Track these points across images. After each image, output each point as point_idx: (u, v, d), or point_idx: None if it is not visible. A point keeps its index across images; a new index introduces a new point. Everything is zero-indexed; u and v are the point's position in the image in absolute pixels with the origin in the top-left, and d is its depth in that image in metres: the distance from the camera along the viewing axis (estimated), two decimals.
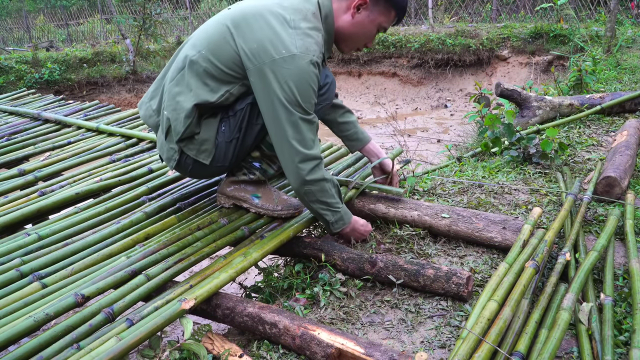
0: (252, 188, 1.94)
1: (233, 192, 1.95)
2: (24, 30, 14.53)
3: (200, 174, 1.90)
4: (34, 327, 1.34)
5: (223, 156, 1.77)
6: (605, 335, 1.29)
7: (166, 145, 1.79)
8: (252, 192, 1.93)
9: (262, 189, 1.95)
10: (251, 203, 1.94)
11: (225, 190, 1.96)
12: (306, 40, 1.60)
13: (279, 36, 1.58)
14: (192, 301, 1.42)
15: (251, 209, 1.94)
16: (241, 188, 1.94)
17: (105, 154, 2.63)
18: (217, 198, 2.00)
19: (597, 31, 6.72)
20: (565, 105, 3.35)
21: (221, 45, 1.63)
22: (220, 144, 1.75)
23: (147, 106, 1.87)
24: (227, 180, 1.95)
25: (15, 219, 1.95)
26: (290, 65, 1.56)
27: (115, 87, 8.67)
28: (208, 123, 1.72)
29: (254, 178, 1.91)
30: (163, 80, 1.81)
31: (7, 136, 2.93)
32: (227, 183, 1.95)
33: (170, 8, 13.27)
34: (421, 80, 9.07)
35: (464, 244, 1.89)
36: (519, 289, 1.40)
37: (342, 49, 1.83)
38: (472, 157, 2.96)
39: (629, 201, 1.94)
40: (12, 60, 8.14)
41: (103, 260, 1.68)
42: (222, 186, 1.97)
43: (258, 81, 1.60)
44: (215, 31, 1.67)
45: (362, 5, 1.71)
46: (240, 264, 1.62)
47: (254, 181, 1.93)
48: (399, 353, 1.26)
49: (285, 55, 1.56)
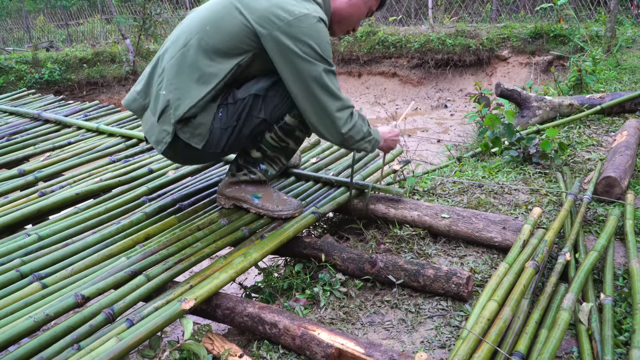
0: (252, 188, 1.93)
1: (233, 193, 1.94)
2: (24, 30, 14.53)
3: (190, 159, 1.88)
4: (34, 327, 1.34)
5: (216, 142, 1.73)
6: (605, 335, 1.29)
7: (158, 127, 1.73)
8: (252, 193, 1.93)
9: (262, 189, 1.94)
10: (251, 203, 1.93)
11: (224, 191, 1.96)
12: (313, 6, 1.64)
13: (286, 2, 1.61)
14: (192, 301, 1.42)
15: (251, 209, 1.94)
16: (241, 188, 1.93)
17: (105, 154, 2.63)
18: (217, 199, 2.00)
19: (597, 31, 6.72)
20: (565, 105, 3.35)
21: (228, 19, 1.62)
22: (215, 130, 1.71)
23: (130, 92, 1.84)
24: (227, 181, 1.95)
25: (15, 219, 1.95)
26: (303, 24, 1.57)
27: (115, 87, 8.67)
28: (207, 107, 1.69)
29: (255, 178, 1.90)
30: (154, 65, 1.77)
31: (7, 136, 2.93)
32: (227, 184, 1.95)
33: (170, 8, 13.27)
34: (421, 80, 9.07)
35: (464, 244, 1.89)
36: (519, 289, 1.40)
37: (334, 31, 1.84)
38: (472, 157, 2.96)
39: (629, 201, 1.94)
40: (12, 61, 8.13)
41: (103, 260, 1.68)
42: (222, 187, 1.96)
43: (274, 47, 1.59)
44: (219, 8, 1.66)
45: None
46: (240, 264, 1.62)
47: (254, 181, 1.93)
48: (399, 353, 1.26)
49: (298, 15, 1.58)
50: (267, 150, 1.83)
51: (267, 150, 1.83)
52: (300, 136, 1.83)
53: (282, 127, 1.77)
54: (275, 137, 1.79)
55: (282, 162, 1.90)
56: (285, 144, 1.82)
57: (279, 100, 1.72)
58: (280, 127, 1.77)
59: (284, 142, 1.82)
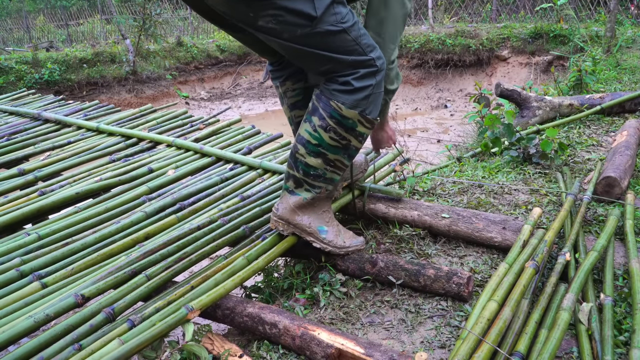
0: (318, 220, 1.73)
1: (297, 221, 1.71)
2: (24, 30, 14.53)
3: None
4: (34, 327, 1.34)
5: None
6: (605, 335, 1.29)
7: None
8: (319, 225, 1.73)
9: (328, 221, 1.75)
10: (317, 237, 1.72)
11: (286, 216, 1.71)
12: None
13: None
14: (197, 312, 1.41)
15: (315, 243, 1.73)
16: (309, 218, 1.72)
17: (105, 153, 2.63)
18: (274, 223, 1.75)
19: (597, 31, 6.73)
20: (565, 105, 3.35)
21: None
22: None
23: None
24: (291, 205, 1.70)
25: (15, 218, 1.95)
26: None
27: (115, 87, 8.67)
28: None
29: (319, 192, 1.69)
30: None
31: (7, 136, 2.93)
32: (291, 209, 1.70)
33: (170, 8, 13.27)
34: (421, 80, 9.08)
35: (464, 244, 1.89)
36: (519, 289, 1.40)
37: None
38: (472, 157, 2.96)
39: (629, 201, 1.94)
40: (12, 61, 8.13)
41: (103, 260, 1.68)
42: (284, 212, 1.71)
43: None
44: None
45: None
46: (245, 273, 1.60)
47: (319, 209, 1.73)
48: (399, 353, 1.26)
49: None
50: (327, 153, 1.62)
51: (327, 153, 1.62)
52: (363, 132, 1.61)
53: (341, 123, 1.56)
54: (335, 136, 1.58)
55: (345, 163, 1.67)
56: (346, 141, 1.61)
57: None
58: (339, 122, 1.56)
59: (344, 140, 1.60)
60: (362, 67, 1.52)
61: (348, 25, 1.47)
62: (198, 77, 9.93)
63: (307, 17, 1.42)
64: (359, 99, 1.53)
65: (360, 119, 1.56)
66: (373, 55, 1.52)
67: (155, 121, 3.15)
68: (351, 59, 1.50)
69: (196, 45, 10.06)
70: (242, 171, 2.37)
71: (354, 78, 1.51)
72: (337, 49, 1.48)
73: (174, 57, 9.62)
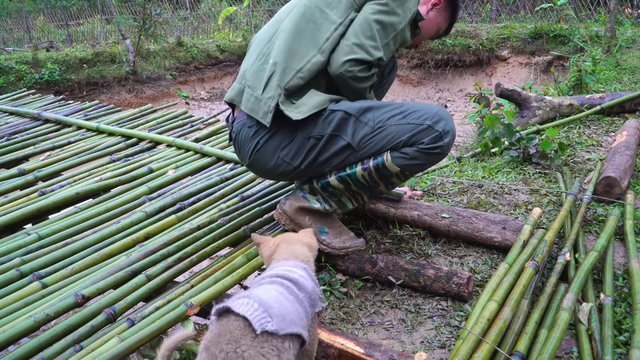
0: (320, 221, 1.76)
1: (299, 219, 1.75)
2: (24, 30, 14.54)
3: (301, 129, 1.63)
4: (34, 327, 1.34)
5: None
6: (605, 335, 1.29)
7: (263, 98, 1.58)
8: (320, 226, 1.75)
9: (329, 222, 1.78)
10: (317, 238, 1.71)
11: (290, 213, 1.74)
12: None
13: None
14: (197, 308, 1.42)
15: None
16: (309, 217, 1.75)
17: (105, 153, 2.63)
18: (277, 215, 1.78)
19: (597, 31, 6.72)
20: (565, 105, 3.35)
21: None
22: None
23: (232, 86, 1.75)
24: (297, 206, 1.73)
25: (15, 218, 1.95)
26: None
27: (115, 87, 8.66)
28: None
29: (328, 210, 1.73)
30: (254, 54, 1.71)
31: (7, 136, 2.93)
32: (296, 209, 1.74)
33: (170, 8, 13.28)
34: (421, 80, 9.07)
35: (464, 244, 1.89)
36: (518, 289, 1.40)
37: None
38: (472, 157, 2.96)
39: (629, 201, 1.94)
40: (12, 61, 8.13)
41: (103, 260, 1.68)
42: (288, 208, 1.74)
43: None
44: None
45: (436, 5, 1.77)
46: (244, 270, 1.61)
47: (324, 212, 1.76)
48: (399, 353, 1.26)
49: None
50: (351, 184, 1.66)
51: (353, 185, 1.66)
52: (395, 182, 1.67)
53: (380, 171, 1.61)
54: (368, 177, 1.63)
55: (364, 199, 1.73)
56: (375, 184, 1.66)
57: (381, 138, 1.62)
58: (377, 168, 1.61)
59: (374, 183, 1.65)
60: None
61: (383, 120, 1.60)
62: (198, 77, 9.93)
63: (347, 148, 1.60)
64: (406, 163, 1.61)
65: (399, 174, 1.63)
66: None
67: (155, 121, 3.15)
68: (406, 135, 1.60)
69: (196, 45, 10.06)
70: (242, 171, 2.37)
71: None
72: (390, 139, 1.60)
73: (174, 57, 9.62)
